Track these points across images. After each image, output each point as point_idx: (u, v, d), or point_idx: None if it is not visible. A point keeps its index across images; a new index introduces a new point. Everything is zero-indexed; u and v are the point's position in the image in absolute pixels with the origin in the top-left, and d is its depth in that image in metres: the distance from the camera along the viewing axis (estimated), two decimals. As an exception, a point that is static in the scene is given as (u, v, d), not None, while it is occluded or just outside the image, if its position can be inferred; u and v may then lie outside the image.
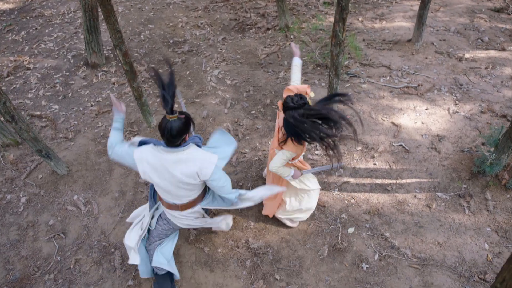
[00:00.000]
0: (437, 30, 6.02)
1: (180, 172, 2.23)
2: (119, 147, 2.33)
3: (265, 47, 6.04)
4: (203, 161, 2.25)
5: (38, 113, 5.05)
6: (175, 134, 2.13)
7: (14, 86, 5.57)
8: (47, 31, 6.85)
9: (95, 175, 4.11)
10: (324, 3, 7.26)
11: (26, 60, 6.05)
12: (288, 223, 3.46)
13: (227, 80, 5.32)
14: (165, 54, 6.06)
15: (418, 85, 4.82)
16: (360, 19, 6.61)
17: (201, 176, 2.27)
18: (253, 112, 4.72)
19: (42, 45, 6.42)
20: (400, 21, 6.36)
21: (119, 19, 7.05)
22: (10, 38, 6.76)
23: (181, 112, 2.19)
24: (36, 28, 6.95)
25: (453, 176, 3.70)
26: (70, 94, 5.38)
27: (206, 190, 2.64)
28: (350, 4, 7.22)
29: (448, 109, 4.47)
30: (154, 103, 5.03)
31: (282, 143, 2.64)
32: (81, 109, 5.11)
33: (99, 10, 5.27)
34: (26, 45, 6.49)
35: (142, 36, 6.56)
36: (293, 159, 2.83)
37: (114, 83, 5.54)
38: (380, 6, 6.96)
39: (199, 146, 2.39)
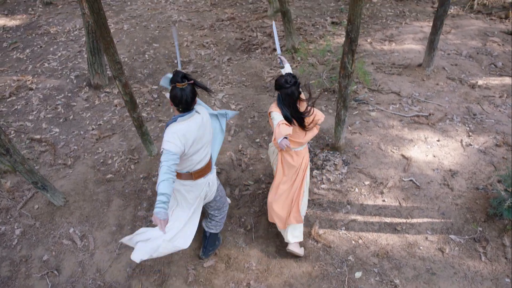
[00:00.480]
0: (448, 54, 5.85)
1: (209, 125, 2.66)
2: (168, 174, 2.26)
3: (271, 69, 5.91)
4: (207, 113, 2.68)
5: (38, 136, 4.95)
6: (190, 100, 2.43)
7: (16, 107, 5.49)
8: (51, 49, 6.79)
9: (92, 206, 3.97)
10: (332, 23, 7.13)
11: (29, 80, 5.98)
12: (297, 251, 3.26)
13: (232, 104, 5.19)
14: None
15: (429, 114, 4.64)
16: (368, 40, 6.46)
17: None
18: (257, 140, 4.57)
19: (46, 64, 6.36)
20: (410, 44, 6.20)
21: (124, 37, 6.99)
22: (14, 56, 6.71)
23: (187, 79, 2.43)
24: (41, 46, 6.91)
25: (467, 217, 3.50)
26: (71, 117, 5.28)
27: None
28: (358, 24, 7.10)
29: (461, 141, 4.27)
30: (156, 128, 4.91)
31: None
32: (81, 132, 5.00)
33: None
34: (30, 64, 6.43)
35: (146, 56, 6.47)
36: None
37: (116, 105, 5.43)
38: (389, 27, 6.82)
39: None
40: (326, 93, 5.28)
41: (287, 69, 3.25)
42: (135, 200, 3.98)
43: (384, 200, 3.75)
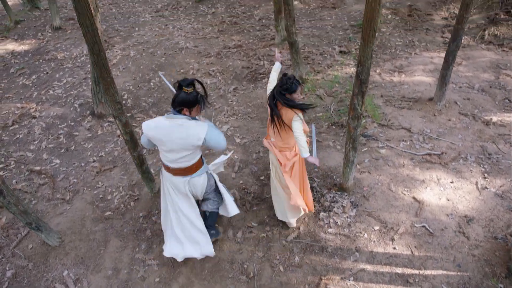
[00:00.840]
0: (460, 87, 5.69)
1: (179, 135, 2.72)
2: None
3: (277, 100, 5.79)
4: (196, 132, 2.72)
5: (38, 168, 4.84)
6: (180, 101, 2.69)
7: (18, 136, 5.41)
8: (57, 75, 6.78)
9: (89, 246, 3.80)
10: (340, 52, 7.04)
11: (33, 108, 5.93)
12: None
13: (237, 138, 5.05)
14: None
15: (442, 153, 4.45)
16: (377, 71, 6.34)
17: (195, 141, 2.73)
18: (262, 178, 4.40)
19: (51, 91, 6.32)
20: (420, 75, 6.06)
21: (130, 64, 6.96)
22: (20, 83, 6.70)
23: (197, 92, 2.77)
24: (47, 72, 6.90)
25: (486, 271, 3.26)
26: (73, 147, 5.18)
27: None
28: (367, 54, 6.99)
29: (476, 183, 4.06)
30: (158, 162, 4.77)
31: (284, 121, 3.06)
32: (82, 164, 4.88)
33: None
34: (35, 91, 6.40)
35: (151, 84, 6.41)
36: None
37: (119, 136, 5.33)
38: (398, 57, 6.70)
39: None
40: (334, 127, 5.12)
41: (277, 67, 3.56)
42: (133, 241, 3.80)
43: (395, 248, 3.53)
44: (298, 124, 3.00)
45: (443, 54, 6.71)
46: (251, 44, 7.59)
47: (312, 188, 4.06)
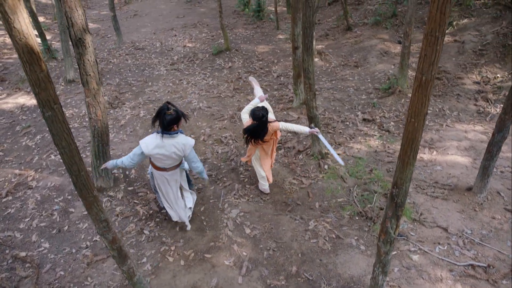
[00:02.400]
0: (501, 172, 5.03)
1: (174, 150, 3.70)
2: (128, 159, 3.82)
3: (293, 178, 5.23)
4: (186, 144, 3.75)
5: (24, 254, 4.34)
6: (169, 122, 3.55)
7: (9, 210, 4.98)
8: (62, 137, 6.44)
9: None
10: (364, 120, 6.51)
11: (31, 175, 5.54)
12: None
13: (246, 227, 4.47)
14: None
15: (488, 266, 3.74)
16: (405, 145, 5.74)
17: (183, 152, 3.77)
18: (273, 285, 3.76)
19: (52, 156, 5.95)
20: (454, 154, 5.44)
21: (139, 126, 6.59)
22: (24, 143, 6.38)
23: (174, 110, 3.59)
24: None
25: None
26: (66, 227, 4.69)
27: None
28: (392, 123, 6.44)
29: (535, 314, 3.33)
30: (156, 253, 4.21)
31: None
32: (73, 251, 4.36)
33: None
34: (36, 154, 6.05)
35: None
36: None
37: (118, 215, 4.83)
38: (428, 129, 6.12)
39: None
40: (357, 218, 4.50)
41: (258, 92, 4.86)
42: None
43: None
44: (281, 123, 4.38)
45: (478, 127, 6.11)
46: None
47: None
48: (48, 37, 10.97)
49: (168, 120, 3.54)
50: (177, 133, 3.69)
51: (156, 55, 10.08)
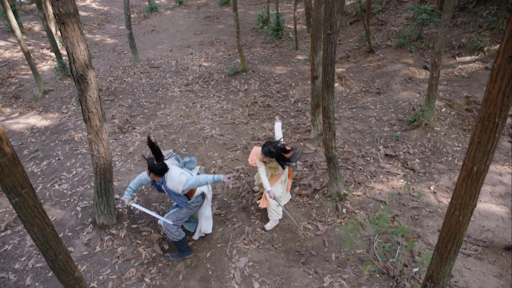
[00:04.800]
0: (543, 226, 4.48)
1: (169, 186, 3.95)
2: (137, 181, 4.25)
3: (308, 223, 4.81)
4: (178, 183, 3.91)
5: (16, 300, 4.06)
6: (159, 172, 3.83)
7: (6, 247, 4.73)
8: (68, 164, 6.21)
9: None
10: (386, 155, 6.05)
11: (32, 207, 5.29)
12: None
13: (255, 281, 4.07)
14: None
15: None
16: (432, 187, 5.26)
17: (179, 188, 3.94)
18: None
19: (56, 186, 5.71)
20: (488, 201, 4.92)
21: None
22: (29, 169, 6.18)
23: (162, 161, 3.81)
24: (59, 159, 6.36)
25: None
26: (63, 269, 4.38)
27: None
28: (417, 160, 5.96)
29: None
30: (155, 309, 3.85)
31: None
32: (68, 298, 4.04)
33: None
34: (41, 183, 5.82)
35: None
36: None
37: (119, 257, 4.51)
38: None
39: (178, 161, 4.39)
40: (378, 275, 4.04)
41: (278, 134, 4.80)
42: None
43: None
44: (260, 168, 4.55)
45: (515, 172, 5.56)
46: (284, 134, 6.78)
47: None
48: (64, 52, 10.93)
49: (158, 170, 3.83)
50: (167, 172, 3.93)
51: (171, 74, 9.86)
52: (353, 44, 10.70)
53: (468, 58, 8.50)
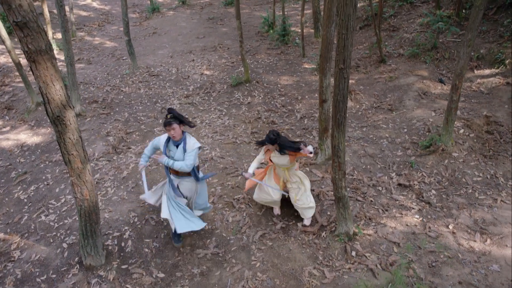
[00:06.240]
0: None
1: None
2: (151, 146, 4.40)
3: (314, 268, 4.37)
4: (195, 142, 4.15)
5: None
6: (188, 122, 4.18)
7: (-16, 292, 4.35)
8: (57, 190, 5.81)
9: None
10: (399, 185, 5.57)
11: (15, 242, 4.91)
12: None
13: None
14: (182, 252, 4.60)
15: None
16: (450, 226, 4.79)
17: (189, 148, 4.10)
18: None
19: (43, 216, 5.31)
20: (515, 246, 4.44)
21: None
22: (16, 195, 5.79)
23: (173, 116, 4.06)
24: (47, 184, 5.96)
25: None
26: (44, 320, 4.00)
27: None
28: (433, 192, 5.47)
29: None
30: None
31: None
32: None
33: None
34: (26, 212, 5.43)
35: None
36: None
37: (106, 305, 4.11)
38: (478, 204, 5.12)
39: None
40: None
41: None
42: None
43: None
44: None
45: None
46: (287, 157, 6.31)
47: None
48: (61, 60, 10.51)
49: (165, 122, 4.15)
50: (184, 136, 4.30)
51: (171, 83, 9.40)
52: (363, 52, 10.15)
53: (487, 72, 7.93)
